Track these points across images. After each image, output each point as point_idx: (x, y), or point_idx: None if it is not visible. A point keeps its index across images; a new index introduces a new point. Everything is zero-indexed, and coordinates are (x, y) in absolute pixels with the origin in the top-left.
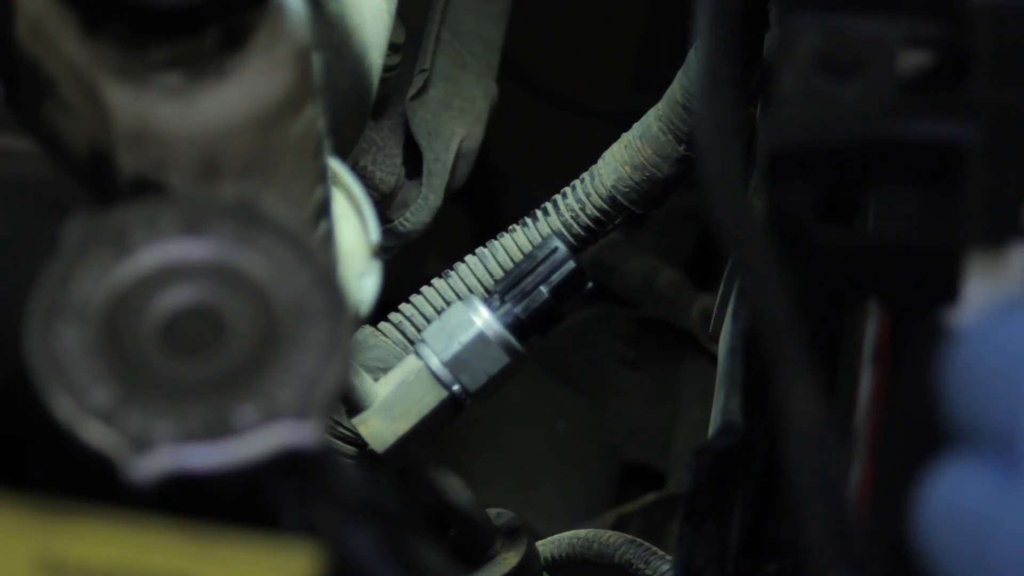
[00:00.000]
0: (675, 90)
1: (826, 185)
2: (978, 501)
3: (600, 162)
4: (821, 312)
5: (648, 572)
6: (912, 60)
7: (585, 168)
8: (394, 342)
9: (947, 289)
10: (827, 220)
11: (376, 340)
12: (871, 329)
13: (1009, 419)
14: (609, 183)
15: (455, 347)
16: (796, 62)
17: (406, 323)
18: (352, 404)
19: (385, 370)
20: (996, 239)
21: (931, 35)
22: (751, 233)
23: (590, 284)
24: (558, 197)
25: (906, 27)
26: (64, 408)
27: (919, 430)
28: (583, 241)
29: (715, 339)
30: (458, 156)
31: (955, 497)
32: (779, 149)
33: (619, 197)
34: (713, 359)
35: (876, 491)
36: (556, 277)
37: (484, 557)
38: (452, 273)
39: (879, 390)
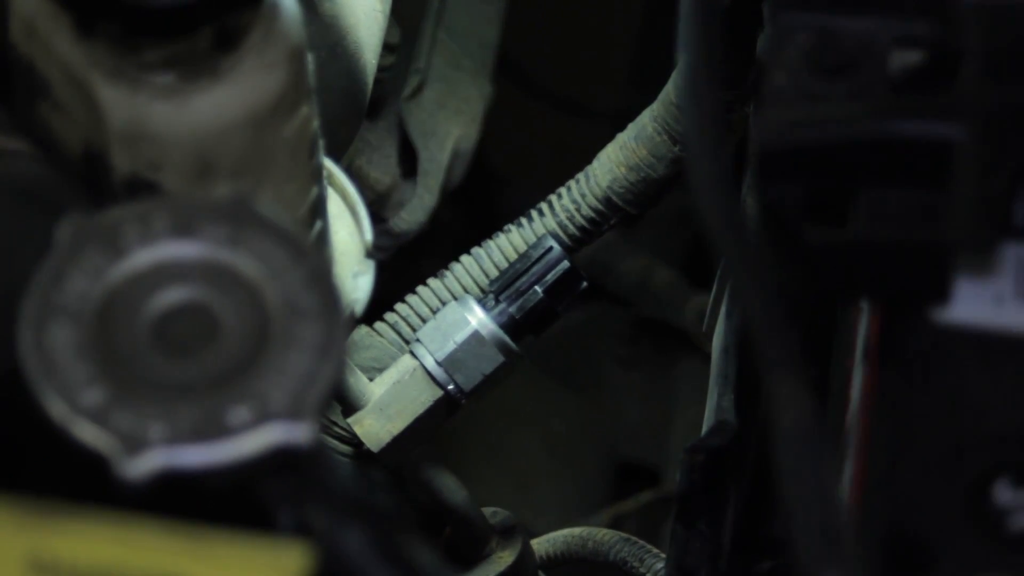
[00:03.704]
0: (670, 91)
1: (816, 184)
2: None
3: (595, 162)
4: (812, 311)
5: (643, 570)
6: (903, 59)
7: (581, 168)
8: (389, 342)
9: (937, 287)
10: (817, 219)
11: (371, 340)
12: (862, 327)
13: None
14: (604, 183)
15: (450, 346)
16: (787, 61)
17: (401, 323)
18: (347, 403)
19: (380, 370)
20: (986, 238)
21: (921, 34)
22: (739, 234)
23: (584, 284)
24: (553, 197)
25: (897, 26)
26: (57, 408)
27: (910, 428)
28: (578, 241)
29: (709, 337)
30: (453, 156)
31: None
32: (769, 147)
33: (614, 197)
34: (709, 358)
35: (867, 489)
36: (550, 277)
37: (479, 556)
38: (447, 273)
39: (870, 388)
